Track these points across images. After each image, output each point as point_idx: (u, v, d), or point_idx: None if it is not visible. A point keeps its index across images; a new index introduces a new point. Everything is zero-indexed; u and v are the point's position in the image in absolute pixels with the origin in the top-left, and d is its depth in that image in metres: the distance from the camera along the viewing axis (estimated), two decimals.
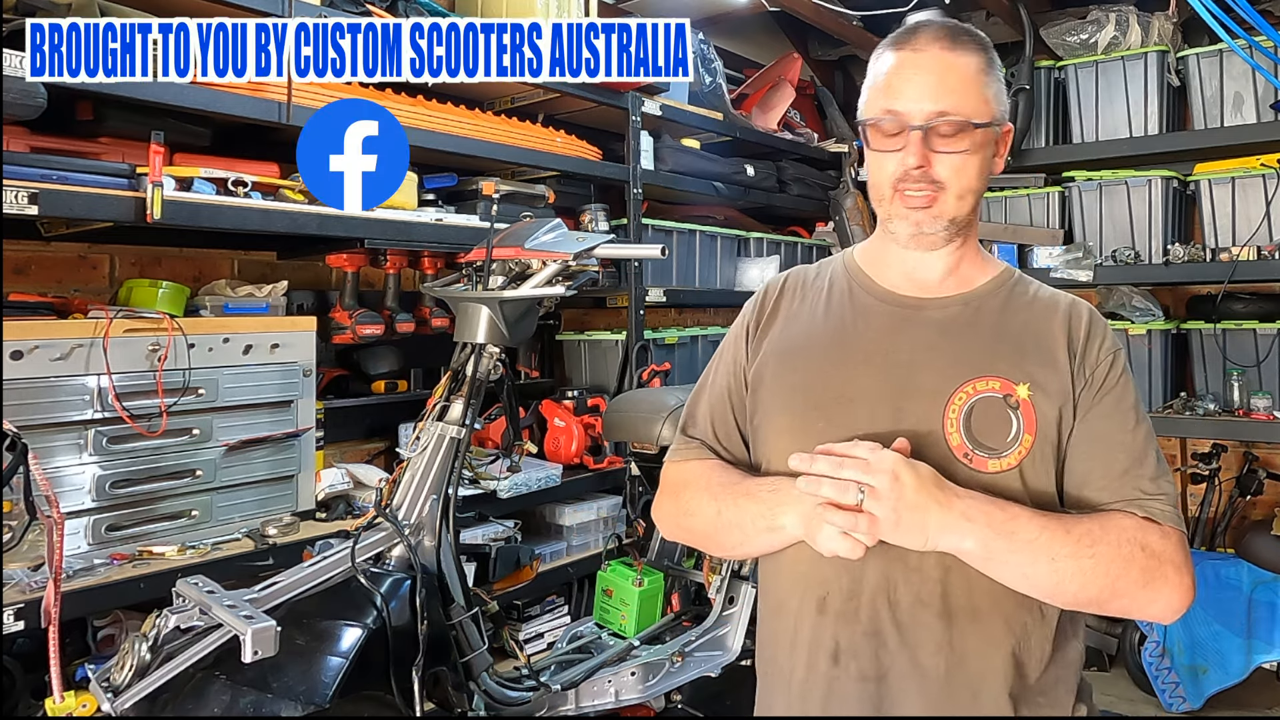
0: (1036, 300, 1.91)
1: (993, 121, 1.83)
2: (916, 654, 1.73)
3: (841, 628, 1.79)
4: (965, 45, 1.83)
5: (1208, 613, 4.80)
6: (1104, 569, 1.65)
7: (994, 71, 1.86)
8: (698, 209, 5.91)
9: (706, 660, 3.57)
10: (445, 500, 3.01)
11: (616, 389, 4.88)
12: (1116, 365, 1.82)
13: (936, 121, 1.77)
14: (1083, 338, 1.83)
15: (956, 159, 1.79)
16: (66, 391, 2.99)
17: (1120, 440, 1.77)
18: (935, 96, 1.78)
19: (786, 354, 1.97)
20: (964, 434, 1.73)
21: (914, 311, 1.89)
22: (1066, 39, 5.54)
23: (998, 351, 1.80)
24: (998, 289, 1.91)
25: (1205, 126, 5.19)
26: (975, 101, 1.80)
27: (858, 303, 1.96)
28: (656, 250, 3.06)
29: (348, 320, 4.06)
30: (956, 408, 1.75)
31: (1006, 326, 1.85)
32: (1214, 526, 5.33)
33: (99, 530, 3.08)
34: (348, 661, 2.54)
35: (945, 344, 1.83)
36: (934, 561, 1.71)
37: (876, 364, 1.84)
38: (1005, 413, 1.74)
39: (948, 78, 1.80)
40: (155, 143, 2.97)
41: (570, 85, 4.51)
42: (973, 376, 1.76)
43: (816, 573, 1.82)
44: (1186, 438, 5.68)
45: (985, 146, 1.83)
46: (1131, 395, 1.82)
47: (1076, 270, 5.24)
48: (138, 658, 2.41)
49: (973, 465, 1.72)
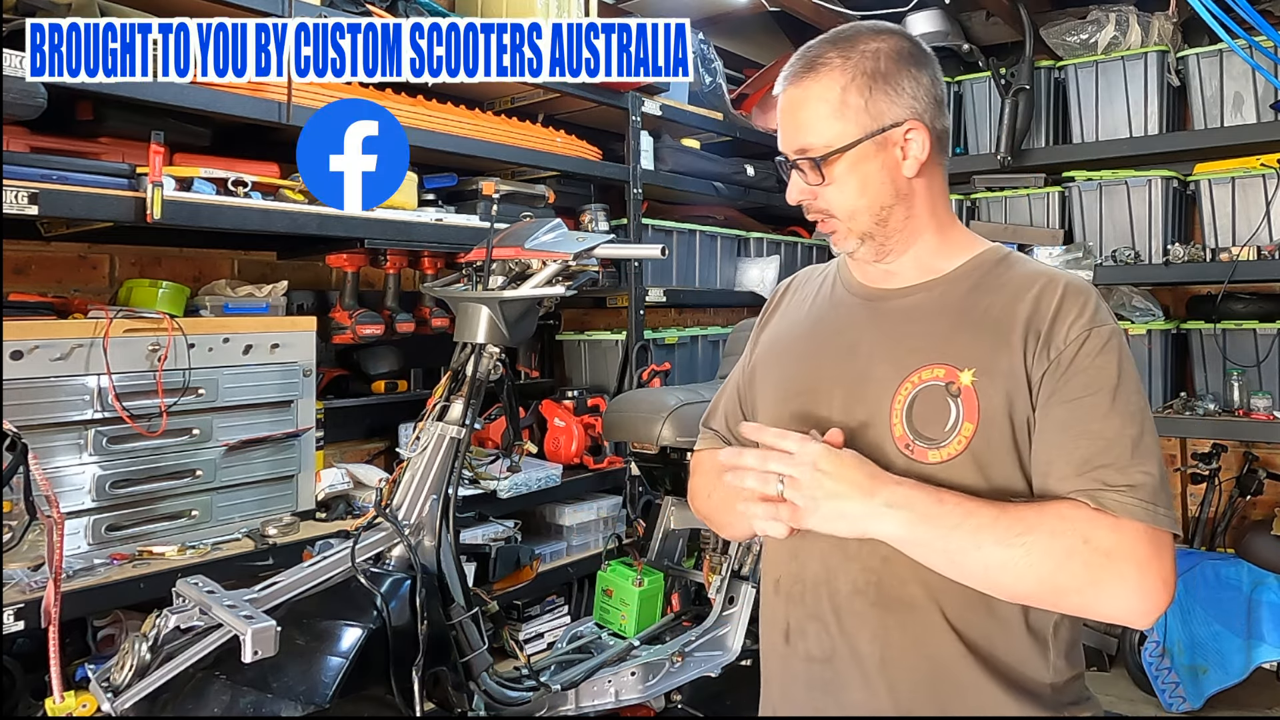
0: (1011, 280, 1.80)
1: (864, 137, 1.78)
2: (854, 641, 1.75)
3: (792, 608, 1.84)
4: (816, 73, 1.81)
5: (1208, 613, 4.80)
6: (1037, 561, 1.55)
7: (856, 84, 1.79)
8: (698, 209, 5.91)
9: (706, 660, 3.58)
10: (445, 500, 3.01)
11: (616, 389, 4.88)
12: (1090, 345, 1.66)
13: (800, 160, 1.82)
14: (1049, 316, 1.70)
15: (829, 190, 1.82)
16: (66, 391, 2.99)
17: (1086, 428, 1.62)
18: (790, 138, 1.84)
19: (773, 347, 2.05)
20: (905, 424, 1.71)
21: (880, 302, 1.90)
22: (1066, 39, 5.53)
23: (951, 337, 1.75)
24: (971, 272, 1.84)
25: (1205, 126, 5.18)
26: (829, 129, 1.79)
27: (835, 297, 2.00)
28: (656, 250, 3.06)
29: (348, 320, 4.06)
30: (902, 398, 1.73)
31: (970, 311, 1.78)
32: (1214, 526, 5.32)
33: (99, 530, 3.08)
34: (348, 661, 2.54)
35: (902, 334, 1.82)
36: (871, 551, 1.70)
37: (842, 355, 1.87)
38: (945, 401, 1.69)
39: (798, 115, 1.82)
40: (155, 143, 2.97)
41: (570, 85, 4.52)
42: (921, 365, 1.74)
43: (774, 556, 1.91)
44: (1186, 438, 5.68)
45: (862, 163, 1.80)
46: (1110, 378, 1.65)
47: (1076, 270, 5.23)
48: (138, 658, 2.41)
49: (914, 456, 1.70)
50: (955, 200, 5.89)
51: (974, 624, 1.68)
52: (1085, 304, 1.71)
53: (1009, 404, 1.68)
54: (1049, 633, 1.71)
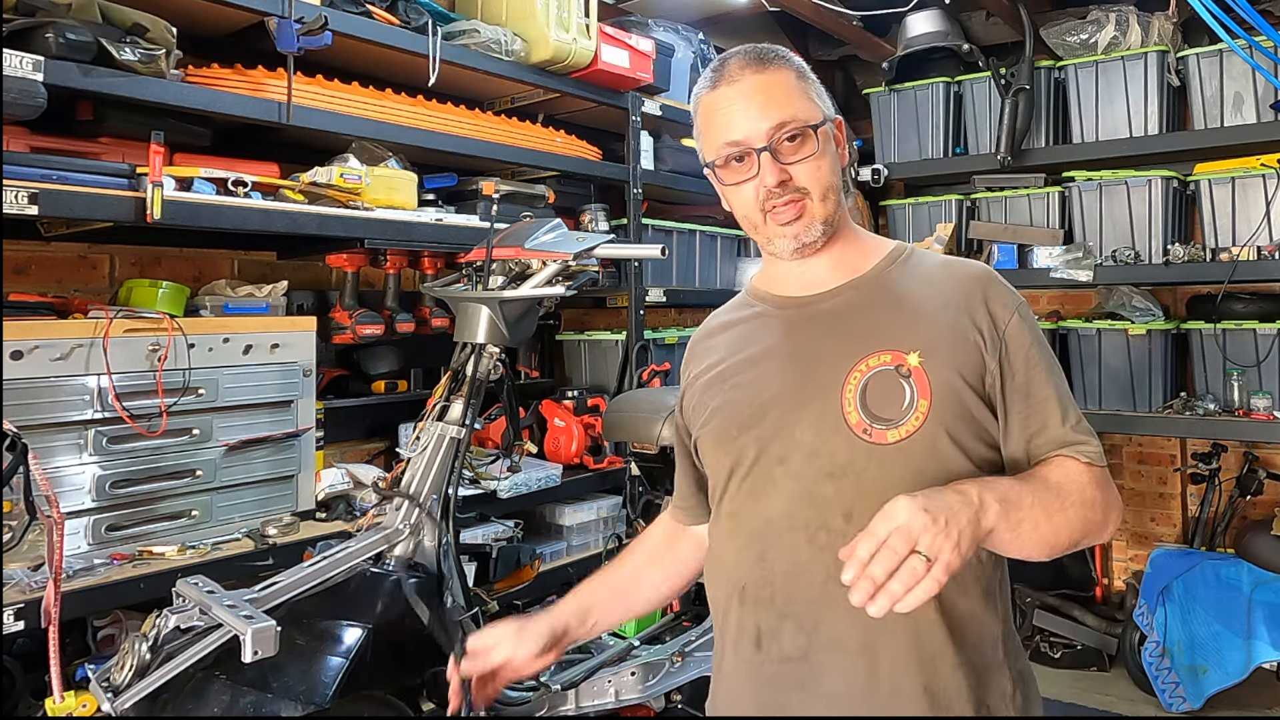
0: (929, 271, 1.96)
1: (825, 119, 1.90)
2: (834, 629, 1.76)
3: (761, 613, 1.84)
4: (774, 63, 1.90)
5: (1208, 613, 4.81)
6: (1076, 516, 1.72)
7: (807, 77, 1.94)
8: (698, 209, 5.91)
9: (706, 660, 3.57)
10: (445, 500, 3.01)
11: (616, 389, 4.88)
12: (1019, 322, 1.85)
13: (778, 137, 1.84)
14: (983, 299, 1.87)
15: (809, 164, 1.86)
16: (66, 391, 2.99)
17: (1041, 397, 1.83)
18: (766, 114, 1.85)
19: (707, 387, 2.06)
20: (860, 410, 1.77)
21: (809, 308, 1.96)
22: (1066, 39, 5.53)
23: (890, 326, 1.85)
24: (888, 268, 1.96)
25: (1205, 126, 5.18)
26: (804, 107, 1.88)
27: (760, 317, 2.04)
28: (656, 250, 3.06)
29: (348, 320, 4.06)
30: (852, 386, 1.79)
31: (899, 301, 1.90)
32: (1214, 526, 5.33)
33: (99, 530, 3.08)
34: (348, 661, 2.54)
35: (839, 330, 1.89)
36: (840, 538, 1.70)
37: (782, 366, 1.92)
38: (898, 382, 1.78)
39: (773, 93, 1.87)
40: (155, 143, 2.97)
41: (570, 85, 4.53)
42: (865, 354, 1.81)
43: (738, 566, 1.90)
44: (1186, 438, 5.70)
45: (828, 144, 1.90)
46: (1039, 343, 1.86)
47: (1076, 270, 5.24)
48: (138, 658, 2.41)
49: (872, 439, 1.76)
50: (955, 201, 5.91)
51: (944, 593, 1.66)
52: (1004, 286, 1.91)
53: (958, 379, 1.79)
54: (995, 589, 1.85)
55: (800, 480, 1.80)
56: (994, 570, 1.84)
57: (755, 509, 1.86)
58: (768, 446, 1.85)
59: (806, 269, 1.97)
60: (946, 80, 5.89)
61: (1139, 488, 6.01)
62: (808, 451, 1.80)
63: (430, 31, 3.88)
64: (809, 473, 1.80)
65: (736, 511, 1.90)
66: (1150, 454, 5.99)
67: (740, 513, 1.90)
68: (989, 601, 1.82)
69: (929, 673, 1.74)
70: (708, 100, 1.93)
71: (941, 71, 5.94)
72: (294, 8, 3.36)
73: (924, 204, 6.05)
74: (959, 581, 1.76)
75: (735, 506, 1.91)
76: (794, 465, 1.81)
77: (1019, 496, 1.65)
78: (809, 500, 1.79)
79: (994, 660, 1.81)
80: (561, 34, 4.30)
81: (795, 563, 1.80)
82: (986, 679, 1.79)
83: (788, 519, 1.81)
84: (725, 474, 1.93)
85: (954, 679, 1.74)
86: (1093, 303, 5.82)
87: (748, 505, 1.88)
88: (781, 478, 1.83)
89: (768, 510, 1.84)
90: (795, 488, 1.81)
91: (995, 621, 1.83)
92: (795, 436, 1.82)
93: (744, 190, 1.90)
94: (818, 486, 1.78)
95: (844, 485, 1.77)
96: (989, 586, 1.83)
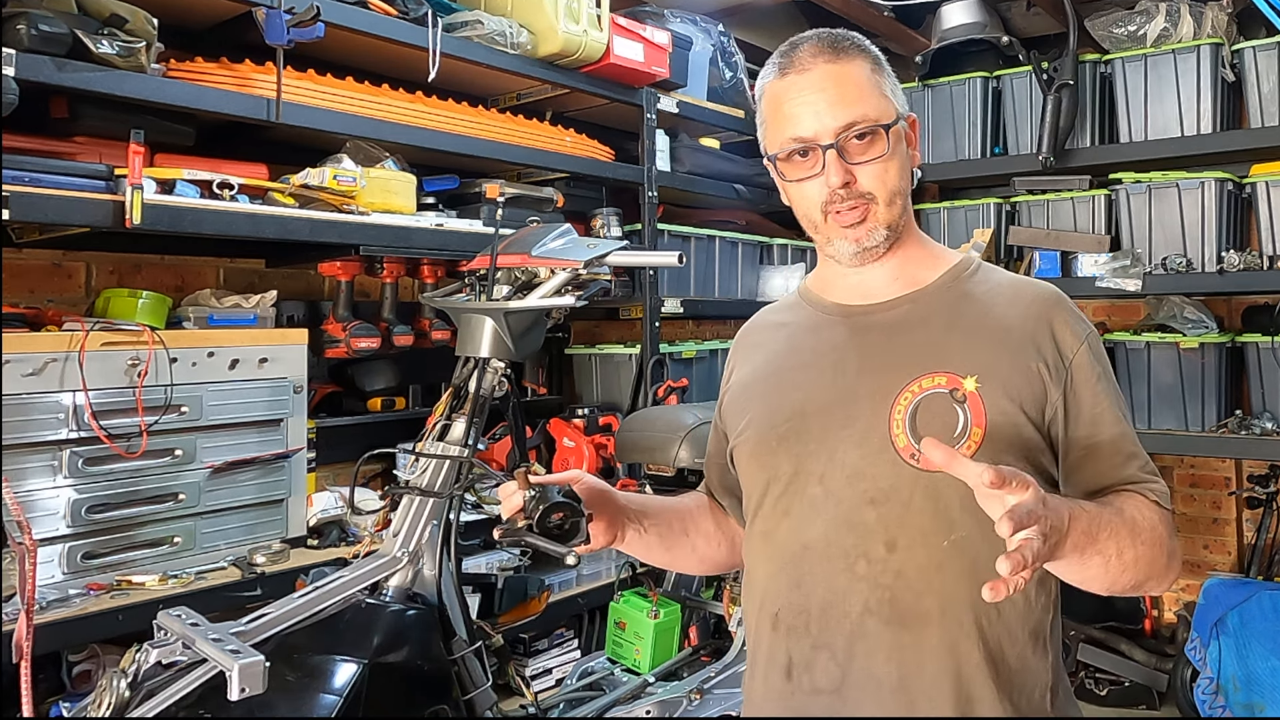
0: (996, 289, 1.95)
1: (899, 118, 1.89)
2: (869, 664, 1.76)
3: (793, 642, 1.84)
4: (849, 52, 1.89)
5: (1265, 647, 4.77)
6: (1146, 554, 1.71)
7: (883, 68, 1.93)
8: (717, 213, 5.91)
9: (727, 697, 3.56)
10: (446, 526, 3.00)
11: (630, 407, 4.87)
12: (1088, 353, 1.86)
13: (846, 135, 1.83)
14: (1048, 326, 1.86)
15: (877, 166, 1.85)
16: (40, 409, 2.98)
17: (1114, 433, 1.83)
18: (836, 111, 1.83)
19: (746, 388, 2.09)
20: (909, 434, 1.77)
21: (862, 319, 1.96)
22: (1113, 31, 5.51)
23: (947, 346, 1.84)
24: (951, 283, 1.95)
25: (1262, 124, 5.14)
26: (877, 103, 1.87)
27: (809, 323, 2.04)
28: (673, 257, 3.05)
29: (341, 333, 4.05)
30: (902, 408, 1.79)
31: (959, 320, 1.89)
32: (1271, 554, 5.29)
33: (74, 558, 3.07)
34: (342, 700, 2.54)
35: (893, 346, 1.89)
36: (882, 568, 1.75)
37: (827, 376, 1.91)
38: (951, 407, 1.77)
39: (844, 88, 1.85)
40: (135, 142, 2.97)
41: (580, 80, 4.52)
42: (919, 374, 1.81)
43: (770, 591, 1.90)
44: (1242, 458, 5.65)
45: (899, 144, 1.89)
46: (1108, 377, 1.87)
47: (1124, 279, 5.21)
48: (116, 695, 2.40)
49: (920, 465, 1.75)
50: (994, 204, 5.89)
51: (988, 632, 1.74)
52: (1074, 313, 1.91)
53: (1016, 409, 1.78)
54: (1046, 633, 1.82)
55: (840, 504, 1.80)
56: (1043, 614, 1.82)
57: (792, 531, 1.85)
58: (807, 463, 1.85)
59: (864, 276, 1.96)
60: (984, 75, 5.87)
61: (1191, 512, 5.96)
62: (850, 473, 1.80)
63: (430, 23, 3.87)
64: (850, 496, 1.79)
65: (771, 532, 1.90)
66: (1203, 476, 5.95)
67: (775, 534, 1.89)
68: (1037, 647, 1.81)
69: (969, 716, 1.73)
70: (774, 88, 1.92)
71: (979, 66, 5.92)
72: None
73: (960, 208, 6.02)
74: (1006, 623, 1.76)
75: (770, 527, 1.90)
76: (834, 486, 1.81)
77: (1098, 528, 1.63)
78: (849, 526, 1.78)
79: (1041, 710, 1.80)
80: (571, 25, 4.30)
81: (833, 590, 1.79)
82: None
83: (825, 545, 1.80)
84: (761, 489, 1.93)
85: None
86: (1141, 314, 5.79)
87: (783, 526, 1.87)
88: (820, 499, 1.82)
89: (805, 534, 1.83)
90: (835, 512, 1.80)
91: (1045, 670, 1.81)
92: (837, 456, 1.82)
93: (806, 187, 1.88)
94: (858, 512, 1.78)
95: (887, 512, 1.76)
96: (1038, 630, 1.81)
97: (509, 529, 1.85)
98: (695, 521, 2.21)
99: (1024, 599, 1.78)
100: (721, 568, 2.29)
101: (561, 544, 1.85)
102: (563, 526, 1.86)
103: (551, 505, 1.85)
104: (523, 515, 1.85)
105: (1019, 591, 1.43)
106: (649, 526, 2.09)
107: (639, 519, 2.07)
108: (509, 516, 1.87)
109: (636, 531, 2.06)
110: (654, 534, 2.10)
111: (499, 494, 1.96)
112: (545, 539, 1.84)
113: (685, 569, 2.36)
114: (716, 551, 2.21)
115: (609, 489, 2.06)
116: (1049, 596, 1.82)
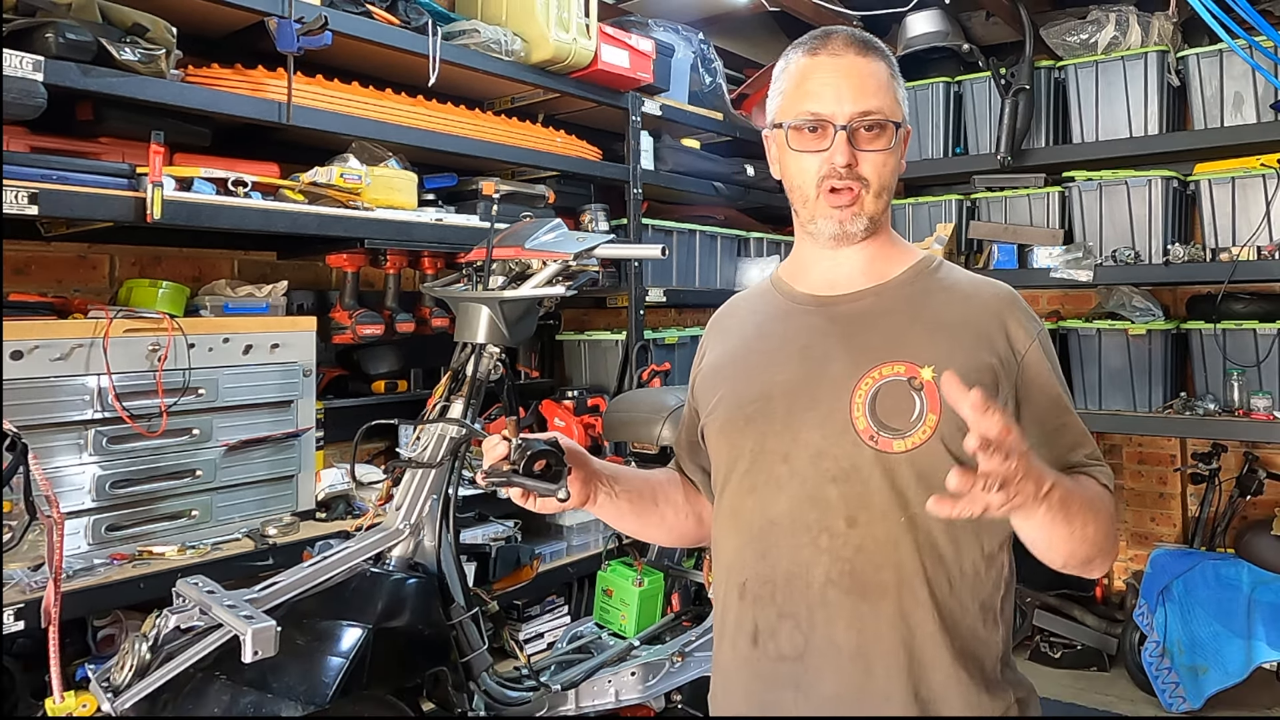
0: (955, 286, 1.97)
1: (904, 122, 1.93)
2: (830, 632, 1.78)
3: (760, 611, 1.85)
4: (876, 53, 1.93)
5: (1207, 612, 4.80)
6: (1103, 528, 1.73)
7: (899, 78, 1.96)
8: (698, 209, 5.91)
9: (707, 660, 3.57)
10: (445, 500, 3.01)
11: (616, 389, 4.88)
12: (1039, 349, 1.89)
13: (860, 121, 1.86)
14: (1003, 323, 1.89)
15: (879, 156, 1.88)
16: (66, 391, 2.99)
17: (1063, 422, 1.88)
18: (856, 98, 1.86)
19: (717, 370, 2.09)
20: (869, 417, 1.79)
21: (830, 308, 1.97)
22: (1066, 39, 5.53)
23: (908, 337, 1.86)
24: (914, 278, 1.97)
25: (1205, 126, 5.17)
26: (891, 103, 1.90)
27: (778, 310, 2.05)
28: (656, 250, 3.06)
29: (348, 320, 4.06)
30: (863, 393, 1.80)
31: (919, 313, 1.91)
32: (1214, 526, 5.32)
33: (99, 530, 3.08)
34: (348, 661, 2.55)
35: (856, 334, 1.90)
36: (843, 542, 1.76)
37: (794, 361, 1.92)
38: (909, 394, 1.79)
39: (867, 81, 1.88)
40: (155, 143, 2.97)
41: (570, 85, 4.53)
42: (880, 362, 1.82)
43: (738, 562, 1.91)
44: (1186, 438, 5.69)
45: (900, 145, 1.93)
46: (1056, 373, 1.90)
47: (1076, 270, 5.24)
48: (138, 657, 2.41)
49: (879, 446, 1.77)
50: (955, 201, 5.91)
51: (942, 604, 1.76)
52: (1026, 312, 1.94)
53: None
54: (996, 608, 1.85)
55: (805, 482, 1.81)
56: (994, 590, 1.84)
57: (758, 507, 1.86)
58: (772, 443, 1.86)
59: (836, 263, 1.97)
60: (946, 80, 5.90)
61: (1139, 488, 6.00)
62: (813, 452, 1.81)
63: (430, 31, 3.88)
64: (813, 474, 1.81)
65: (738, 507, 1.91)
66: (1150, 454, 5.99)
67: (742, 508, 1.90)
68: (988, 619, 1.83)
69: (922, 683, 1.75)
70: (804, 64, 1.94)
71: (941, 71, 5.94)
72: (294, 8, 3.36)
73: (924, 204, 6.04)
74: (958, 596, 1.78)
75: (737, 502, 1.91)
76: (798, 465, 1.82)
77: (1071, 499, 1.63)
78: (812, 502, 1.80)
79: (993, 678, 1.82)
80: (561, 34, 4.30)
81: (797, 563, 1.81)
82: (983, 695, 1.79)
83: (790, 520, 1.81)
84: (729, 465, 1.94)
85: (947, 690, 1.75)
86: (1093, 303, 5.82)
87: (750, 501, 1.88)
88: (785, 477, 1.83)
89: (771, 510, 1.84)
90: (799, 489, 1.81)
91: (996, 642, 1.84)
92: (801, 436, 1.83)
93: (806, 160, 1.90)
94: (821, 490, 1.80)
95: (848, 490, 1.78)
96: (988, 604, 1.83)
97: (493, 472, 1.86)
98: (666, 493, 2.20)
99: (974, 574, 1.80)
100: (688, 541, 2.28)
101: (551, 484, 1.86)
102: (546, 473, 1.87)
103: (536, 452, 1.86)
104: (507, 461, 1.87)
105: (967, 517, 1.45)
106: (620, 492, 2.09)
107: (611, 483, 2.08)
108: (493, 464, 1.89)
109: (608, 495, 2.07)
110: (625, 500, 2.11)
111: (483, 447, 1.97)
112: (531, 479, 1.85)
113: (653, 538, 2.36)
114: (684, 524, 2.21)
115: (584, 452, 2.07)
116: (1000, 574, 1.85)
